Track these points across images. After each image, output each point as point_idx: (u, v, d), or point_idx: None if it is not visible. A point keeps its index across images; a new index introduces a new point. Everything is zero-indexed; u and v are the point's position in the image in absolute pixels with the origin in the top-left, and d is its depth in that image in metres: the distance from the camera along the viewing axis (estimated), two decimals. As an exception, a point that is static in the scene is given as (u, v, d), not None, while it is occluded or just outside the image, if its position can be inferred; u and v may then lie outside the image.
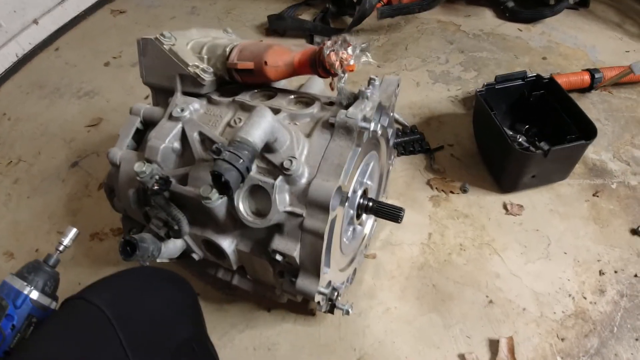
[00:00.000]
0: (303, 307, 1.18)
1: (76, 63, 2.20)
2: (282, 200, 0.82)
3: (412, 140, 1.51)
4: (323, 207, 0.80)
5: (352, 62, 0.85)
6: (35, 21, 2.29)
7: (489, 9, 2.15)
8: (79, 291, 0.77)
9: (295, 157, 0.80)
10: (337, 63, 0.84)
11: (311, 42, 2.02)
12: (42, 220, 1.51)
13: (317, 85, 1.08)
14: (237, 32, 2.18)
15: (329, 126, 0.85)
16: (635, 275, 1.19)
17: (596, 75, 1.60)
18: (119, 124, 1.81)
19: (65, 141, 1.78)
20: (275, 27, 2.11)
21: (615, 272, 1.20)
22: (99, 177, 1.61)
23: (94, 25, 2.47)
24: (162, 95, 1.06)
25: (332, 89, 0.88)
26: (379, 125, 0.91)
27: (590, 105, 1.62)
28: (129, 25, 2.43)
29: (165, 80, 1.00)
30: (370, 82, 0.90)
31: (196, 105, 0.96)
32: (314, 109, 0.90)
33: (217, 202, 0.81)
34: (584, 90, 1.65)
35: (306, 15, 2.24)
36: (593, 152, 1.47)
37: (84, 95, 1.99)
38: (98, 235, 1.43)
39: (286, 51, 0.89)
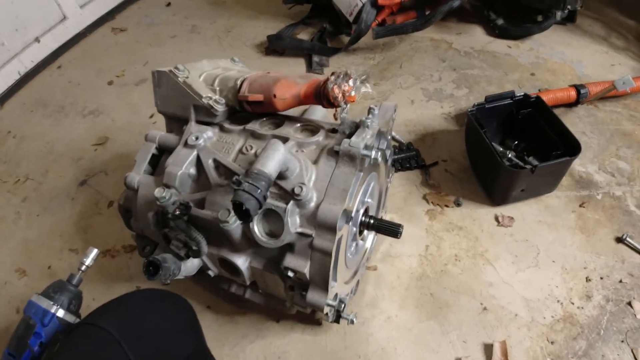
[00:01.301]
0: (310, 317, 1.25)
1: (79, 81, 2.25)
2: (294, 222, 0.89)
3: (408, 157, 1.59)
4: (331, 228, 0.87)
5: (353, 94, 0.93)
6: (37, 39, 2.33)
7: (479, 26, 2.23)
8: (87, 315, 0.84)
9: (304, 184, 0.88)
10: (340, 95, 0.91)
11: (309, 60, 2.09)
12: (53, 238, 1.56)
13: (319, 111, 1.16)
14: (237, 51, 2.26)
15: (334, 154, 0.93)
16: (620, 281, 1.26)
17: (582, 91, 1.68)
18: (125, 143, 1.87)
19: (72, 160, 1.83)
20: (275, 47, 2.18)
21: (601, 278, 1.27)
22: (109, 195, 1.66)
23: (95, 43, 2.52)
24: (175, 122, 1.13)
25: (336, 119, 0.96)
26: (379, 150, 0.99)
27: (577, 119, 1.70)
28: (130, 43, 2.48)
29: (180, 109, 1.07)
30: (370, 111, 0.97)
31: (210, 134, 1.03)
32: (320, 137, 0.98)
33: (234, 225, 0.88)
34: (571, 105, 1.72)
35: (304, 35, 2.31)
36: (579, 164, 1.54)
37: (89, 114, 2.04)
38: (110, 252, 1.49)
39: (293, 84, 0.97)
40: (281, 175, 0.88)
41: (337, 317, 1.07)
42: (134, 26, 2.61)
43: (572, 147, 1.32)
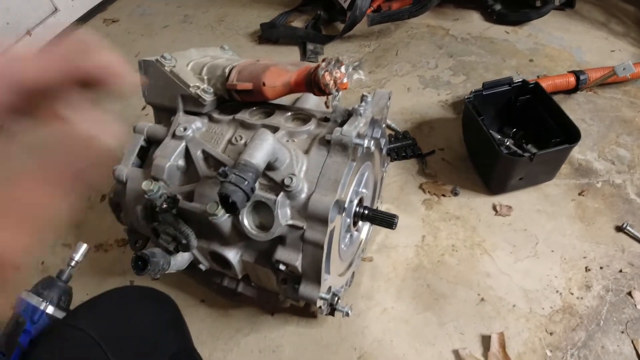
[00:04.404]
0: (305, 310, 1.23)
1: (72, 74, 2.22)
2: (284, 214, 0.87)
3: (404, 146, 1.56)
4: (322, 220, 0.85)
5: (345, 81, 0.90)
6: (28, 32, 2.31)
7: (476, 12, 2.18)
8: (65, 316, 0.82)
9: (295, 174, 0.85)
10: (332, 83, 0.88)
11: (304, 49, 2.06)
12: (45, 233, 1.54)
13: (312, 99, 1.13)
14: (230, 40, 2.22)
15: (326, 143, 0.90)
16: (620, 271, 1.24)
17: (581, 77, 1.64)
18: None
19: (64, 153, 1.81)
20: (268, 35, 2.14)
21: (601, 268, 1.25)
22: (100, 189, 1.63)
23: (87, 35, 2.49)
24: (164, 113, 1.10)
25: (327, 107, 0.93)
26: (372, 139, 0.96)
27: (576, 106, 1.66)
28: (122, 34, 2.45)
29: (167, 100, 1.04)
30: (362, 98, 0.95)
31: (198, 124, 1.00)
32: (311, 126, 0.95)
33: (223, 218, 0.86)
34: (570, 91, 1.69)
35: (298, 22, 2.27)
36: (579, 152, 1.51)
37: (82, 107, 2.01)
38: (103, 246, 1.47)
39: (283, 72, 0.94)
40: (270, 166, 0.85)
41: (332, 310, 1.05)
42: (126, 17, 2.58)
43: (571, 135, 1.29)
